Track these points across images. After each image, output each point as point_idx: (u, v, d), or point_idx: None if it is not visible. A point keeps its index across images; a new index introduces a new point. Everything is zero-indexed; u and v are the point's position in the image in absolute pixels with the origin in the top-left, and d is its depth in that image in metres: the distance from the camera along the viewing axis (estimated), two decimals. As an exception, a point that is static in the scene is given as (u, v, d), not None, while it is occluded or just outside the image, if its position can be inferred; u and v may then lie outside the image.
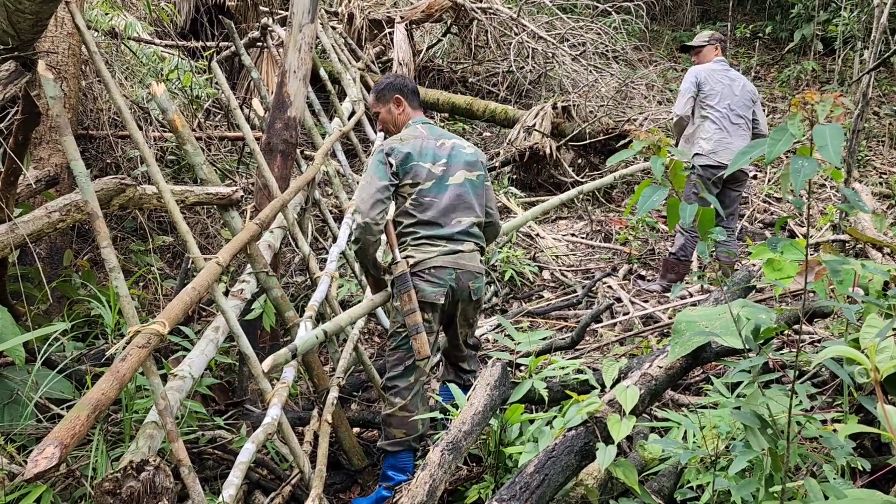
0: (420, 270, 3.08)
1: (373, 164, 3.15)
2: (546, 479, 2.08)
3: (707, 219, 1.91)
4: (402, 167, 3.10)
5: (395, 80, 3.39)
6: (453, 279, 3.10)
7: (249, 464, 2.41)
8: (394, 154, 3.11)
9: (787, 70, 10.95)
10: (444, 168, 3.16)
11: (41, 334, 2.64)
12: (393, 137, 3.24)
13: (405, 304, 3.04)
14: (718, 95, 5.05)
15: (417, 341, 3.02)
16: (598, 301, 5.04)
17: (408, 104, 3.34)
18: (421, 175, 3.11)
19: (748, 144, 1.67)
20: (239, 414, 3.49)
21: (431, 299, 3.08)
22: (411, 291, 3.04)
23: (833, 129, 1.50)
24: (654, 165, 1.86)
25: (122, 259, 4.55)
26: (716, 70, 5.16)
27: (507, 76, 9.24)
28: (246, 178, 5.98)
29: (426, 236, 3.10)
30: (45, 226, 2.82)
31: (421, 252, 3.09)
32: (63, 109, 2.31)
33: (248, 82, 7.52)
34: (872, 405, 1.99)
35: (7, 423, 2.66)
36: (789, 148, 1.56)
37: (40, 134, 3.95)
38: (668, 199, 1.87)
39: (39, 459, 1.53)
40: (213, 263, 2.49)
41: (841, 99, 1.55)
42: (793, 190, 1.52)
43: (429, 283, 3.08)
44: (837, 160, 1.47)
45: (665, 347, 2.67)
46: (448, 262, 3.09)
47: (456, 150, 3.23)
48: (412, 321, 3.02)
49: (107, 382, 1.80)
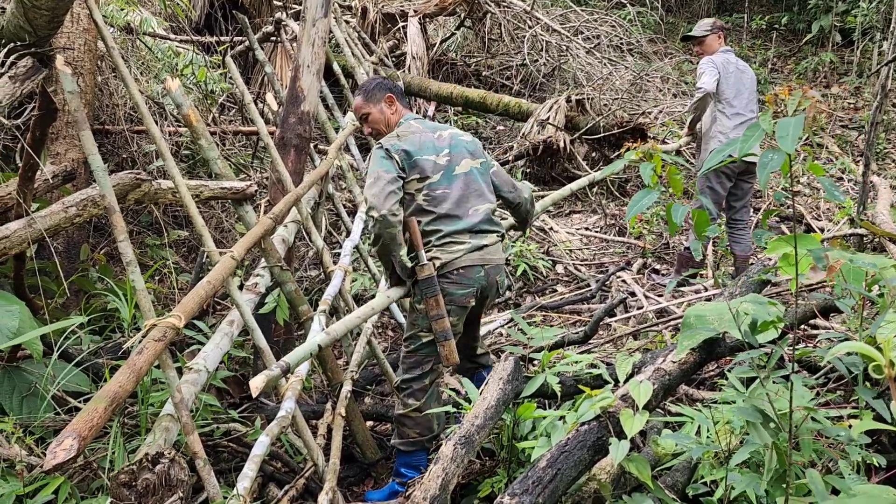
0: (448, 272, 2.99)
1: (375, 161, 3.03)
2: (559, 474, 2.08)
3: (702, 220, 1.92)
4: (406, 163, 3.02)
5: (384, 81, 3.32)
6: (483, 277, 3.04)
7: (264, 457, 2.43)
8: (394, 150, 3.02)
9: (805, 62, 10.83)
10: (449, 158, 3.09)
11: (58, 328, 2.67)
12: (389, 136, 3.14)
13: (432, 308, 2.94)
14: (734, 90, 5.02)
15: (446, 348, 2.95)
16: (611, 295, 5.02)
17: (399, 103, 3.26)
18: (427, 168, 3.03)
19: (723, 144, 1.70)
20: (253, 407, 3.51)
21: (461, 302, 3.02)
22: (439, 296, 2.95)
23: (795, 121, 1.54)
24: (644, 172, 1.88)
25: (137, 253, 4.59)
26: (729, 61, 5.10)
27: (521, 69, 9.21)
28: (260, 173, 6.01)
29: (449, 233, 3.01)
30: (62, 220, 2.86)
31: (447, 252, 3.00)
32: (80, 104, 2.33)
33: (262, 77, 7.55)
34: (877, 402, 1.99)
35: (25, 416, 2.70)
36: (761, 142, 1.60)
37: (57, 129, 3.98)
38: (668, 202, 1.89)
39: (58, 451, 1.55)
40: (227, 257, 2.51)
41: (811, 92, 1.57)
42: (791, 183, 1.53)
43: (458, 286, 3.00)
44: (791, 148, 1.52)
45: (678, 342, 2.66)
46: (476, 259, 3.02)
47: (455, 140, 3.17)
48: (440, 327, 2.94)
49: (124, 375, 1.82)
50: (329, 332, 2.59)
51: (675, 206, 1.87)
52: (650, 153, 1.86)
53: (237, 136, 6.22)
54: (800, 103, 1.59)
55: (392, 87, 3.29)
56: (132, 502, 1.63)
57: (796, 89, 1.61)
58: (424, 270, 2.96)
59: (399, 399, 3.10)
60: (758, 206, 6.70)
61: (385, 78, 3.39)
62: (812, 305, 2.95)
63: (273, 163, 3.77)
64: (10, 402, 2.73)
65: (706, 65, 5.07)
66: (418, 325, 3.04)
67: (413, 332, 3.06)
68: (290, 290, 3.19)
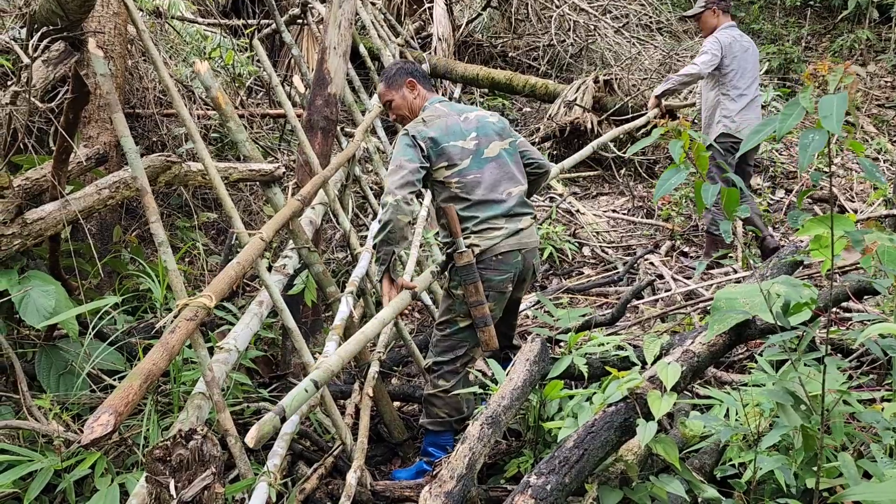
0: (487, 258, 2.98)
1: (400, 147, 3.00)
2: (585, 454, 2.08)
3: (732, 198, 1.88)
4: (432, 150, 2.99)
5: (405, 65, 3.30)
6: (520, 262, 3.03)
7: (293, 435, 2.47)
8: (420, 138, 2.98)
9: (840, 39, 10.54)
10: (477, 142, 3.06)
11: (93, 308, 2.72)
12: (415, 121, 3.10)
13: (471, 295, 2.94)
14: (740, 71, 4.93)
15: (486, 333, 2.95)
16: (639, 278, 4.99)
17: (421, 86, 3.23)
18: (455, 155, 3.01)
19: (761, 122, 1.65)
20: (282, 387, 3.56)
21: (499, 288, 3.01)
22: (478, 283, 2.94)
23: (839, 99, 1.48)
24: (672, 149, 1.84)
25: (168, 235, 4.66)
26: (735, 39, 4.98)
27: (548, 50, 9.10)
28: (287, 155, 6.04)
29: (485, 219, 2.99)
30: (95, 202, 2.91)
31: (485, 239, 2.98)
32: (112, 87, 2.36)
33: (289, 59, 7.57)
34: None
35: (62, 393, 2.77)
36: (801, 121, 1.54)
37: (89, 113, 4.04)
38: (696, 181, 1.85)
39: (95, 426, 1.59)
40: (256, 239, 2.53)
41: (852, 67, 1.52)
42: (829, 163, 1.49)
43: (496, 272, 2.99)
44: (838, 129, 1.46)
45: (707, 324, 2.64)
46: (514, 244, 3.01)
47: (482, 122, 3.13)
48: (479, 313, 2.94)
49: (157, 353, 1.86)
50: (323, 365, 2.36)
51: (705, 185, 1.83)
52: (678, 129, 1.83)
53: (265, 119, 6.26)
54: (841, 80, 1.53)
55: (413, 71, 3.25)
56: (167, 476, 1.67)
57: (837, 65, 1.55)
58: (463, 257, 2.94)
59: (429, 380, 3.12)
60: (790, 186, 6.58)
61: (408, 61, 3.35)
62: (845, 288, 2.90)
63: (300, 145, 3.79)
64: (48, 380, 2.81)
65: (711, 45, 4.96)
66: (455, 311, 3.04)
67: (449, 316, 3.06)
68: (318, 272, 3.22)
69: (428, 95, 3.24)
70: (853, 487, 1.79)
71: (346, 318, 3.08)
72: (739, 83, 4.93)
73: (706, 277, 4.89)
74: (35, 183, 2.94)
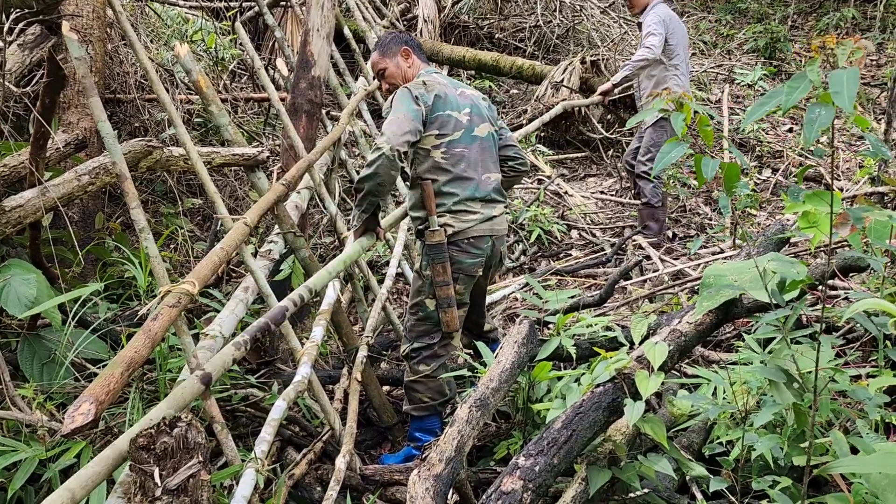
0: (458, 241, 2.98)
1: (401, 101, 2.91)
2: (574, 435, 2.08)
3: (734, 173, 1.86)
4: (431, 114, 2.94)
5: (400, 34, 3.26)
6: (490, 247, 3.05)
7: (281, 421, 2.45)
8: (422, 99, 2.93)
9: (826, 18, 10.54)
10: (469, 118, 3.04)
11: (75, 296, 2.69)
12: (415, 82, 3.03)
13: (438, 274, 2.95)
14: (681, 45, 5.00)
15: (448, 314, 2.97)
16: (627, 259, 4.99)
17: (416, 56, 3.19)
18: (449, 125, 2.98)
19: (766, 94, 1.61)
20: (270, 373, 3.54)
21: (470, 272, 3.02)
22: (446, 263, 2.95)
23: (850, 74, 1.43)
24: (674, 121, 1.82)
25: (153, 222, 4.61)
26: (671, 15, 5.05)
27: (534, 31, 9.05)
28: (272, 140, 5.98)
29: (464, 199, 2.98)
30: (75, 189, 2.86)
31: (460, 221, 2.98)
32: (88, 71, 2.31)
33: (272, 42, 7.47)
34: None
35: (46, 382, 2.74)
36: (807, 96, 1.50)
37: (68, 98, 3.97)
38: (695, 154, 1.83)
39: (76, 415, 1.57)
40: (240, 224, 2.50)
41: (862, 41, 1.48)
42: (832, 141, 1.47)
43: (468, 255, 3.00)
44: (850, 106, 1.41)
45: (695, 304, 2.64)
46: (486, 230, 3.02)
47: (475, 101, 3.12)
48: (444, 294, 2.95)
49: (139, 341, 1.83)
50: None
51: (705, 159, 1.81)
52: (680, 102, 1.80)
53: (248, 103, 6.18)
54: (851, 54, 1.48)
55: (408, 40, 3.22)
56: (151, 465, 1.65)
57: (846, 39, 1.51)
58: (435, 236, 2.95)
59: (408, 366, 3.11)
60: (776, 165, 6.59)
61: (403, 31, 3.32)
62: (832, 265, 2.91)
63: (285, 129, 3.75)
64: (31, 369, 2.78)
65: (654, 24, 4.95)
66: (424, 292, 3.04)
67: (419, 298, 3.06)
68: (305, 257, 3.19)
69: (422, 66, 3.21)
70: (841, 459, 1.80)
71: (333, 302, 3.06)
72: (679, 60, 5.00)
73: (694, 257, 4.90)
74: (13, 170, 2.90)
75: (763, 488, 2.03)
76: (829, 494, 1.96)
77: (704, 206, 6.04)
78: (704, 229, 5.62)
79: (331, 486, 2.42)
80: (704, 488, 2.33)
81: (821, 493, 2.12)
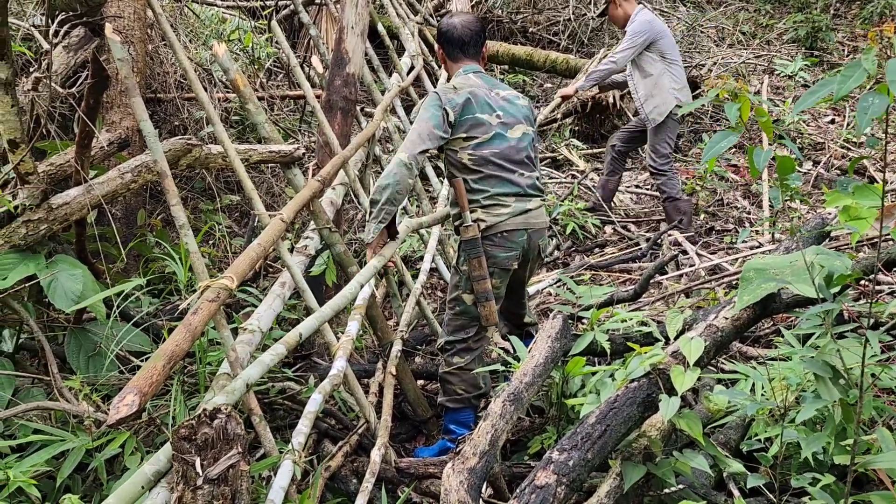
0: (492, 235, 3.00)
1: (426, 108, 2.99)
2: (608, 430, 2.07)
3: (788, 166, 1.83)
4: (459, 118, 2.97)
5: (445, 27, 3.19)
6: (525, 240, 3.04)
7: (317, 413, 2.49)
8: (450, 105, 2.97)
9: (870, 6, 10.25)
10: (501, 120, 3.05)
11: (119, 290, 2.76)
12: (446, 86, 3.11)
13: (474, 269, 2.97)
14: (669, 42, 5.10)
15: (486, 308, 2.99)
16: (662, 253, 4.93)
17: (461, 53, 3.17)
18: (477, 128, 2.99)
19: (818, 83, 1.58)
20: (307, 366, 3.59)
21: (504, 265, 3.03)
22: (482, 257, 2.97)
23: None
24: (729, 112, 1.79)
25: (192, 219, 4.70)
26: (657, 21, 5.18)
27: (569, 24, 8.98)
28: (308, 136, 6.05)
29: (495, 194, 3.00)
30: (118, 186, 2.94)
31: (492, 215, 2.99)
32: (130, 71, 2.37)
33: (307, 40, 7.54)
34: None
35: (92, 374, 2.82)
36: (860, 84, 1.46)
37: (111, 98, 4.07)
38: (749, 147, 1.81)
39: (120, 406, 1.62)
40: (277, 220, 2.54)
41: None
42: (886, 130, 1.43)
43: (501, 248, 3.01)
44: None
45: (732, 298, 2.61)
46: (520, 223, 3.02)
47: (511, 102, 3.12)
48: (482, 288, 2.97)
49: (180, 334, 1.88)
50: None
51: (757, 149, 1.78)
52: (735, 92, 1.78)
53: (284, 101, 6.26)
54: None
55: (449, 38, 3.17)
56: (192, 455, 1.69)
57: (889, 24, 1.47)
58: (468, 231, 2.97)
59: (443, 359, 3.14)
60: (817, 158, 6.44)
61: (452, 24, 3.19)
62: (873, 258, 2.84)
63: (320, 126, 3.79)
64: (78, 362, 2.86)
65: (631, 37, 5.01)
66: (461, 287, 3.06)
67: (456, 293, 3.09)
68: (339, 252, 3.22)
69: (463, 63, 3.17)
70: (884, 454, 1.77)
71: (368, 297, 3.09)
72: (673, 52, 5.09)
73: (731, 252, 4.82)
74: (59, 168, 2.98)
75: (803, 486, 2.00)
76: (872, 492, 1.93)
77: (742, 199, 5.94)
78: (742, 223, 5.53)
79: (366, 479, 2.45)
80: (742, 485, 2.30)
81: (863, 492, 2.08)
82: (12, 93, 2.46)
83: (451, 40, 3.19)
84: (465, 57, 3.19)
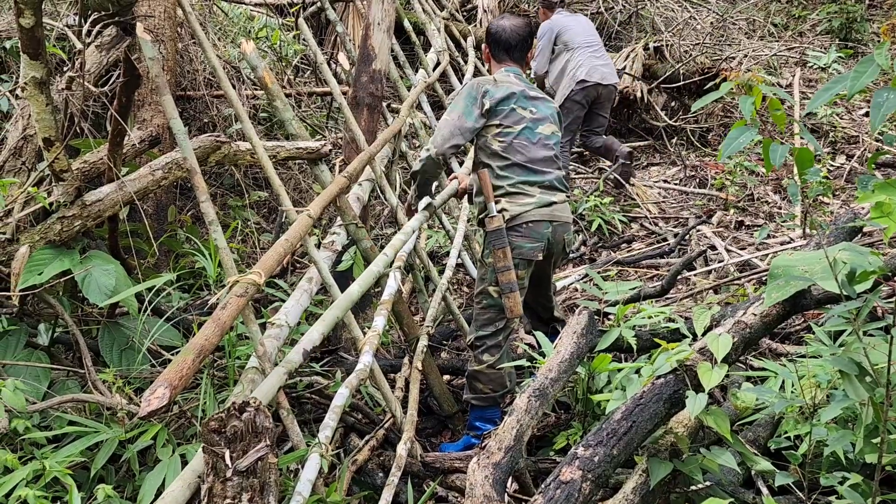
0: (517, 225, 3.03)
1: (462, 97, 3.11)
2: (634, 426, 2.07)
3: (806, 158, 1.81)
4: (495, 107, 3.06)
5: (495, 28, 3.26)
6: (550, 233, 3.06)
7: (344, 408, 2.52)
8: (488, 95, 3.06)
9: (907, -4, 10.01)
10: (534, 116, 3.12)
11: (150, 285, 2.81)
12: (487, 78, 3.20)
13: (499, 260, 2.99)
14: (571, 32, 5.89)
15: (511, 300, 3.00)
16: (690, 249, 4.88)
17: (507, 56, 3.25)
18: (513, 118, 3.07)
19: (831, 80, 1.56)
20: (333, 361, 3.62)
21: (529, 256, 3.05)
22: (507, 248, 2.99)
23: None
24: (743, 105, 1.78)
25: (221, 215, 4.75)
26: (559, 18, 6.02)
27: (596, 18, 8.90)
28: (334, 133, 6.08)
29: (521, 182, 3.05)
30: (149, 183, 2.99)
31: (517, 205, 3.03)
32: (161, 70, 2.41)
33: (334, 37, 7.58)
34: None
35: (124, 368, 2.88)
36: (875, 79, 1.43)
37: (142, 96, 4.14)
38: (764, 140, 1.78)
39: (152, 399, 1.65)
40: (304, 216, 2.57)
41: None
42: None
43: (527, 239, 3.04)
44: None
45: (761, 295, 2.57)
46: (545, 215, 3.05)
47: (544, 102, 3.22)
48: (506, 279, 2.98)
49: (209, 329, 1.91)
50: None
51: (774, 144, 1.76)
52: (749, 85, 1.76)
53: (311, 98, 6.30)
54: None
55: (496, 39, 3.23)
56: (222, 447, 1.72)
57: None
58: (493, 222, 3.01)
59: (473, 355, 3.14)
60: (851, 152, 6.32)
61: (500, 27, 3.24)
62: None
63: (346, 122, 3.82)
64: (111, 355, 2.92)
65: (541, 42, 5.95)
66: (487, 280, 3.09)
67: (482, 286, 3.12)
68: (366, 248, 3.25)
69: (504, 63, 3.25)
70: (916, 454, 1.74)
71: (395, 292, 3.11)
72: (575, 39, 5.84)
73: (761, 247, 4.76)
74: (92, 166, 3.04)
75: (832, 484, 1.97)
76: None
77: (773, 194, 5.85)
78: (773, 218, 5.45)
79: (392, 472, 2.47)
80: (770, 483, 2.28)
81: (893, 492, 2.05)
82: (47, 92, 2.52)
83: (498, 42, 3.25)
84: (510, 60, 3.26)
